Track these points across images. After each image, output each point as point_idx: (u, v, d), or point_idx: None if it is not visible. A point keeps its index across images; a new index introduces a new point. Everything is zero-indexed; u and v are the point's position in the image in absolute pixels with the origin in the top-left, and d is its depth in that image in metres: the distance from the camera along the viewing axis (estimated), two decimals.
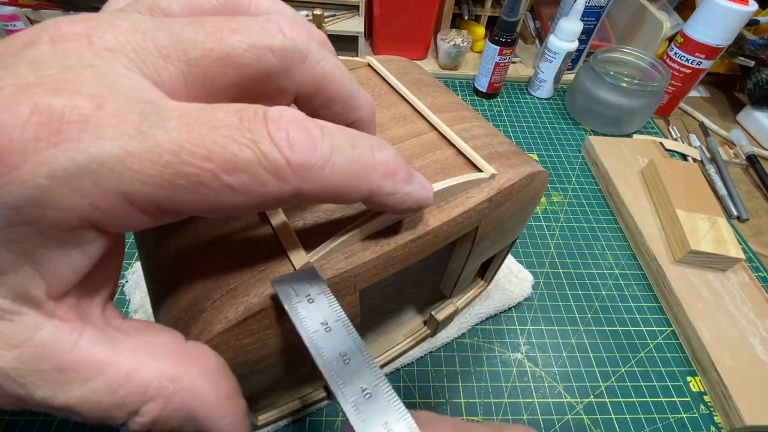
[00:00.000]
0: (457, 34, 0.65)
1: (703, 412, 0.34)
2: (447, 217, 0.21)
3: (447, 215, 0.21)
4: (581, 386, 0.35)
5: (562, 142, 0.58)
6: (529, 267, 0.42)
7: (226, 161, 0.11)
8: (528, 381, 0.35)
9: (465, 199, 0.22)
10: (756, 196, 0.54)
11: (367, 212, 0.19)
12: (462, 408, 0.33)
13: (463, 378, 0.34)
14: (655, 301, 0.41)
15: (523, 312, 0.39)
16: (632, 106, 0.55)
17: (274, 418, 0.30)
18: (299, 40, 0.13)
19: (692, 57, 0.56)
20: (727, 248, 0.40)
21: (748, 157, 0.57)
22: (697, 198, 0.44)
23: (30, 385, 0.11)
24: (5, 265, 0.10)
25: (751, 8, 0.50)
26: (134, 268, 0.38)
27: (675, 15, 0.68)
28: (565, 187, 0.51)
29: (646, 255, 0.43)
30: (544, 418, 0.33)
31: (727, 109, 0.68)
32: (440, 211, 0.21)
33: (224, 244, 0.18)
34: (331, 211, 0.20)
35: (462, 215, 0.21)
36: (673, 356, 0.37)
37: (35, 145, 0.09)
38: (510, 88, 0.66)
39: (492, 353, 0.36)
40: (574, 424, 0.32)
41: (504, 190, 0.23)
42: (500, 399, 0.33)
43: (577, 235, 0.46)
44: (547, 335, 0.38)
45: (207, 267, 0.18)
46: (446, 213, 0.21)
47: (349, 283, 0.19)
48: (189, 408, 0.12)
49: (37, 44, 0.11)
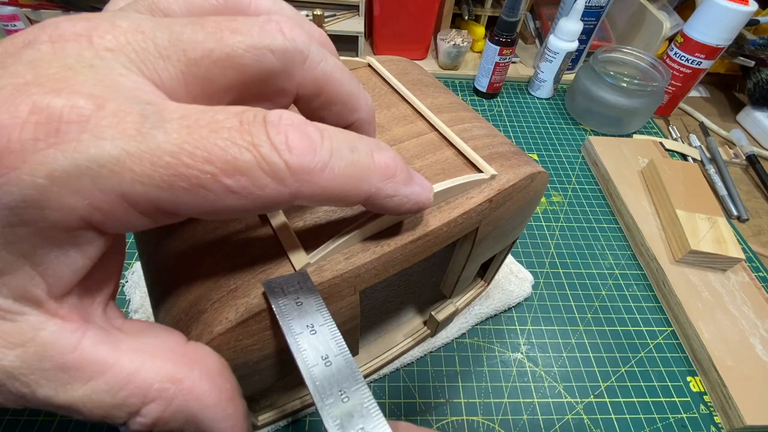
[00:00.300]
0: (457, 34, 0.65)
1: (703, 412, 0.34)
2: (447, 218, 0.21)
3: (447, 216, 0.21)
4: (581, 386, 0.35)
5: (562, 142, 0.58)
6: (528, 267, 0.42)
7: (226, 164, 0.11)
8: (528, 381, 0.35)
9: (465, 199, 0.22)
10: (756, 196, 0.54)
11: (368, 213, 0.19)
12: (462, 408, 0.33)
13: (463, 378, 0.34)
14: (655, 301, 0.41)
15: (523, 312, 0.39)
16: (632, 106, 0.55)
17: (273, 418, 0.30)
18: (300, 40, 0.13)
19: (692, 57, 0.56)
20: (727, 248, 0.40)
21: (748, 157, 0.57)
22: (697, 198, 0.44)
23: (33, 384, 0.11)
24: (5, 266, 0.10)
25: (751, 8, 0.50)
26: (134, 268, 0.38)
27: (675, 15, 0.68)
28: (565, 187, 0.51)
29: (646, 255, 0.43)
30: (544, 418, 0.33)
31: (727, 109, 0.68)
32: (440, 211, 0.21)
33: (225, 245, 0.18)
34: (332, 212, 0.20)
35: (462, 216, 0.21)
36: (673, 356, 0.37)
37: (34, 145, 0.09)
38: (510, 88, 0.66)
39: (492, 353, 0.36)
40: (574, 424, 0.32)
41: (504, 191, 0.23)
42: (500, 399, 0.33)
43: (577, 235, 0.46)
44: (547, 335, 0.38)
45: (207, 267, 0.18)
46: (446, 214, 0.21)
47: (350, 283, 0.19)
48: (190, 410, 0.12)
49: (36, 44, 0.11)
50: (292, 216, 0.19)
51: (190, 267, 0.18)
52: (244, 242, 0.18)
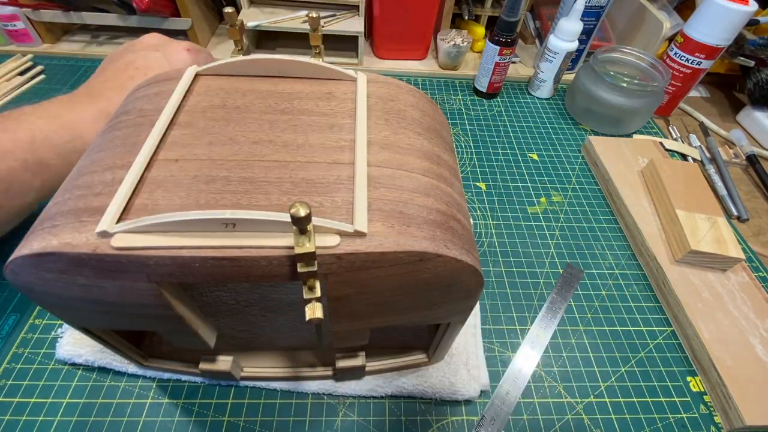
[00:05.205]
0: (457, 34, 0.65)
1: (703, 412, 0.34)
2: (272, 253, 0.19)
3: (270, 250, 0.19)
4: (581, 386, 0.35)
5: (562, 142, 0.58)
6: (528, 267, 0.42)
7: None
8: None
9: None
10: (756, 196, 0.54)
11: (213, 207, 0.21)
12: (462, 408, 0.33)
13: None
14: (655, 301, 0.41)
15: (523, 312, 0.39)
16: (632, 106, 0.55)
17: (160, 366, 0.32)
18: None
19: (692, 57, 0.56)
20: (727, 248, 0.40)
21: (748, 157, 0.57)
22: (697, 198, 0.44)
23: None
24: None
25: (751, 8, 0.50)
26: None
27: (675, 15, 0.68)
28: (565, 187, 0.51)
29: (646, 255, 0.43)
30: (544, 418, 0.33)
31: (727, 109, 0.68)
32: (267, 242, 0.19)
33: (86, 186, 0.21)
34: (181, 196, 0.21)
35: (286, 257, 0.19)
36: (673, 356, 0.37)
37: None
38: (510, 88, 0.66)
39: (492, 353, 0.36)
40: (574, 424, 0.32)
41: (365, 254, 0.19)
42: None
43: (577, 235, 0.46)
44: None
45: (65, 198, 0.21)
46: (272, 248, 0.19)
47: (139, 269, 0.19)
48: None
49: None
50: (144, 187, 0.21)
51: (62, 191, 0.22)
52: (96, 193, 0.21)
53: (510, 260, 0.43)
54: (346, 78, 0.28)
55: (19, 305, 0.36)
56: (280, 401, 0.32)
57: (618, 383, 0.35)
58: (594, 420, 0.33)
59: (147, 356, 0.32)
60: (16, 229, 0.33)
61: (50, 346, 0.34)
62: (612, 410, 0.33)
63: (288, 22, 0.61)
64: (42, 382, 0.32)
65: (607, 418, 0.33)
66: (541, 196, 0.50)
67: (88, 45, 0.65)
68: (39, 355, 0.33)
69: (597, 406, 0.34)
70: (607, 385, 0.35)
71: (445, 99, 0.63)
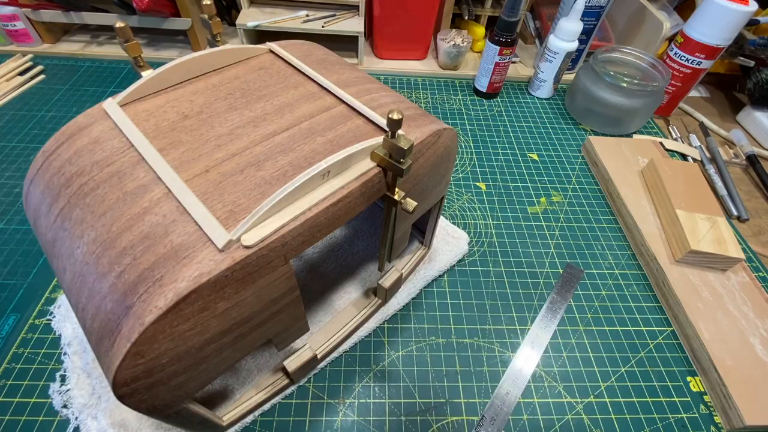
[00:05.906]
0: (457, 34, 0.65)
1: (703, 412, 0.34)
2: (364, 178, 0.23)
3: (363, 176, 0.23)
4: (581, 386, 0.35)
5: (562, 142, 0.58)
6: (528, 266, 0.42)
7: None
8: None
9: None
10: (756, 196, 0.54)
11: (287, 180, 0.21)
12: (462, 408, 0.33)
13: (463, 378, 0.34)
14: (655, 301, 0.41)
15: (523, 312, 0.39)
16: (632, 106, 0.55)
17: (238, 415, 0.30)
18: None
19: (692, 57, 0.56)
20: (727, 248, 0.40)
21: (748, 157, 0.57)
22: (697, 198, 0.44)
23: None
24: None
25: (751, 8, 0.50)
26: (59, 301, 0.36)
27: (675, 15, 0.68)
28: (565, 187, 0.51)
29: (646, 255, 0.43)
30: (544, 418, 0.33)
31: (727, 109, 0.68)
32: (356, 172, 0.23)
33: (142, 239, 0.19)
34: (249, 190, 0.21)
35: (378, 174, 0.23)
36: (673, 356, 0.37)
37: None
38: (510, 88, 0.66)
39: (492, 353, 0.36)
40: (574, 424, 0.32)
41: (413, 148, 0.24)
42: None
43: (577, 235, 0.46)
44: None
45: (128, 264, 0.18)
46: (362, 174, 0.23)
47: (278, 253, 0.20)
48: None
49: None
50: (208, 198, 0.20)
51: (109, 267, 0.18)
52: (163, 233, 0.19)
53: (510, 260, 0.43)
54: (261, 52, 0.31)
55: (19, 305, 0.36)
56: (281, 401, 0.32)
57: (618, 383, 0.35)
58: (594, 420, 0.33)
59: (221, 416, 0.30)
60: None
61: (50, 346, 0.34)
62: (612, 410, 0.33)
63: (288, 22, 0.61)
64: (42, 382, 0.32)
65: (607, 418, 0.33)
66: (541, 196, 0.50)
67: (88, 45, 0.65)
68: (39, 355, 0.33)
69: (597, 406, 0.34)
70: (607, 385, 0.35)
71: (445, 99, 0.63)
